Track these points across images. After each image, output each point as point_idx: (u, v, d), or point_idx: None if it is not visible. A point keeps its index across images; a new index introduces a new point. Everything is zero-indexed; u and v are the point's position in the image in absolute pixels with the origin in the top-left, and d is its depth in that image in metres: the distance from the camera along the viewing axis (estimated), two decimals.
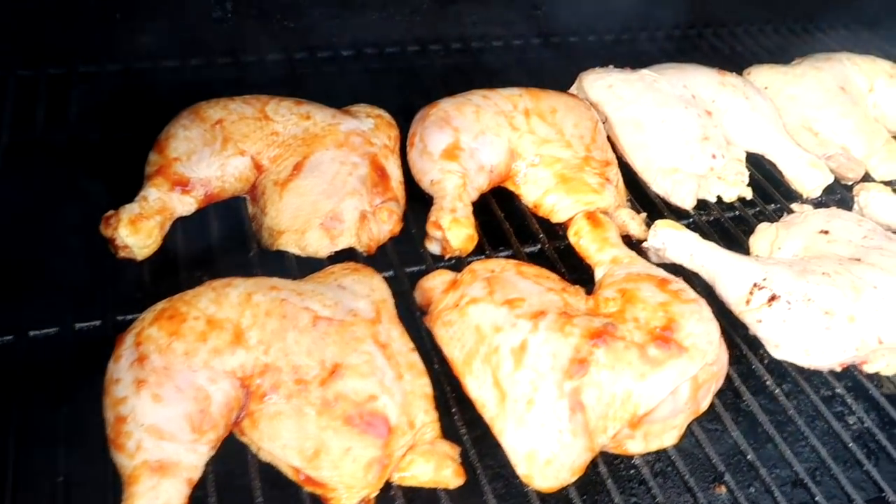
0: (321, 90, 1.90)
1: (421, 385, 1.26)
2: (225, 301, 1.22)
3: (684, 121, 1.90)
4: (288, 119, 1.67)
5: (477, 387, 1.28)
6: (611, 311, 1.36)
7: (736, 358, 1.49)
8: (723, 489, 1.51)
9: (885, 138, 2.15)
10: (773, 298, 1.47)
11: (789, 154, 1.97)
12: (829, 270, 1.51)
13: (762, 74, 2.26)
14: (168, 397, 1.10)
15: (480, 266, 1.46)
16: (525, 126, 1.78)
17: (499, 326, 1.30)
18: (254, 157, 1.62)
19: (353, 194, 1.57)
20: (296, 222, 1.54)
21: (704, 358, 1.30)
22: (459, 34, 2.39)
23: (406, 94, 2.04)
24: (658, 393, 1.25)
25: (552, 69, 2.29)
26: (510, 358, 1.26)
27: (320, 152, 1.62)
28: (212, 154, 1.58)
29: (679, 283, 1.43)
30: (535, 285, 1.39)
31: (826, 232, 1.66)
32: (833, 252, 1.61)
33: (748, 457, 1.35)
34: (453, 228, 1.55)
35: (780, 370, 1.52)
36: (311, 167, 1.59)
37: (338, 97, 1.84)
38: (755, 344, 1.54)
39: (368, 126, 1.71)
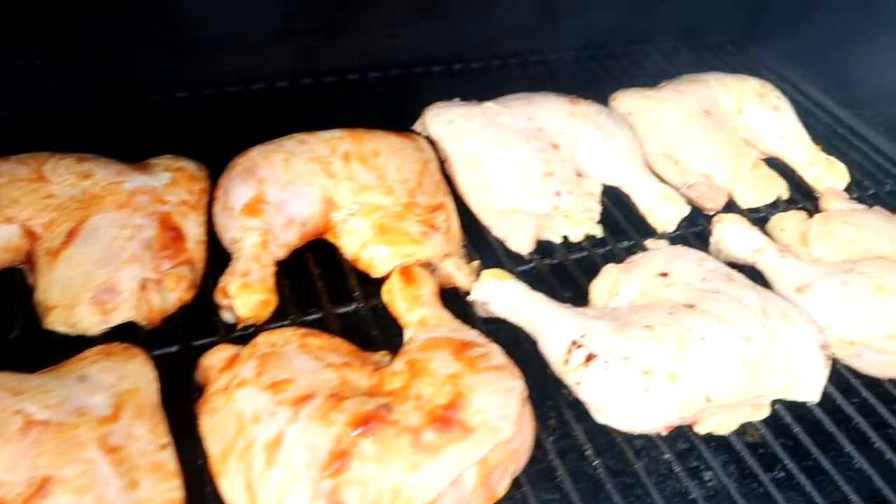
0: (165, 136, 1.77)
1: (164, 490, 1.09)
2: None
3: (525, 157, 1.77)
4: (66, 179, 1.50)
5: (230, 488, 1.12)
6: (395, 387, 1.21)
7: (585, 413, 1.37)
8: None
9: (752, 163, 2.04)
10: (590, 358, 1.33)
11: (642, 186, 1.85)
12: (654, 322, 1.37)
13: (626, 100, 2.14)
14: None
15: (263, 339, 1.31)
16: (343, 172, 1.63)
17: (258, 415, 1.15)
18: (24, 224, 1.45)
19: (133, 261, 1.41)
20: (65, 297, 1.37)
21: (496, 437, 1.15)
22: (311, 69, 2.25)
23: (236, 138, 1.89)
24: (434, 485, 1.09)
25: (409, 103, 2.16)
26: (263, 454, 1.10)
27: (98, 216, 1.45)
28: None
29: (482, 349, 1.28)
30: (313, 361, 1.24)
31: (665, 274, 1.53)
32: (668, 297, 1.48)
33: None
34: (241, 295, 1.40)
35: None
36: (87, 233, 1.43)
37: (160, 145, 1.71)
38: None
39: (163, 181, 1.56)
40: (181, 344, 1.40)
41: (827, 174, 2.04)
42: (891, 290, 1.52)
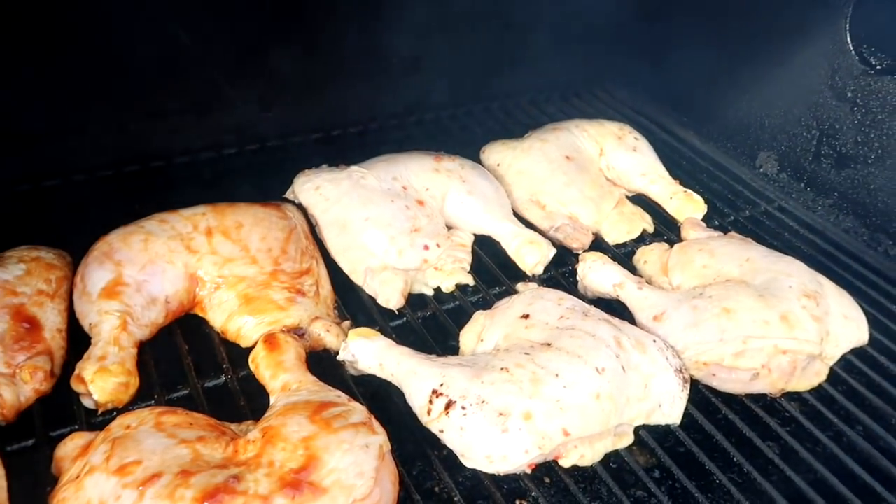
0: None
1: None
2: None
3: (390, 215, 1.83)
4: None
5: None
6: (248, 456, 1.21)
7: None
8: None
9: (616, 201, 2.15)
10: (449, 405, 1.36)
11: (507, 233, 1.93)
12: (509, 364, 1.42)
13: (494, 152, 2.24)
14: None
15: (118, 423, 1.29)
16: (206, 247, 1.65)
17: (104, 501, 1.13)
18: None
19: None
20: None
21: (352, 494, 1.16)
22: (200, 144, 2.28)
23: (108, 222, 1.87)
24: None
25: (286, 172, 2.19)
26: None
27: None
28: None
29: (341, 408, 1.30)
30: (166, 439, 1.23)
31: (527, 316, 1.59)
32: (528, 338, 1.53)
33: None
34: (97, 380, 1.38)
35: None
36: None
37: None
38: None
39: (16, 273, 1.54)
40: (38, 437, 1.37)
41: (686, 205, 2.16)
42: (735, 311, 1.61)
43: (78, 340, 1.53)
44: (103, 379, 1.39)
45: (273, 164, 2.31)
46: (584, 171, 2.16)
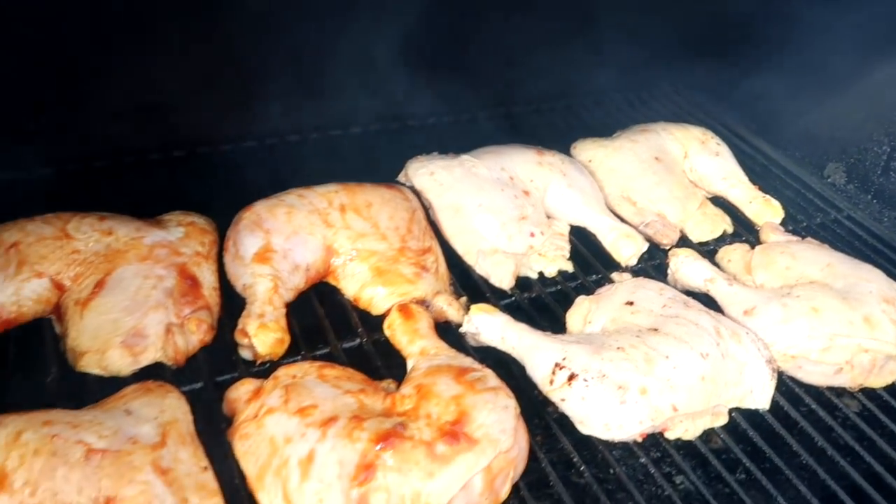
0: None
1: None
2: None
3: (501, 203, 1.98)
4: (90, 236, 1.65)
5: (268, 502, 1.27)
6: (406, 409, 1.38)
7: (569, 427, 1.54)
8: None
9: (699, 202, 2.29)
10: (572, 377, 1.53)
11: (605, 226, 2.08)
12: (624, 344, 1.58)
13: (586, 149, 2.38)
14: None
15: (283, 372, 1.47)
16: (340, 222, 1.81)
17: (289, 437, 1.30)
18: (53, 278, 1.59)
19: (158, 308, 1.56)
20: (96, 342, 1.51)
21: (497, 447, 1.32)
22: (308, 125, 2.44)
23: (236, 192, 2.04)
24: (448, 490, 1.26)
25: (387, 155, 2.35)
26: (298, 470, 1.26)
27: (122, 268, 1.60)
28: (5, 279, 1.55)
29: (478, 373, 1.46)
30: (332, 389, 1.40)
31: (631, 303, 1.74)
32: (635, 323, 1.68)
33: None
34: (259, 335, 1.55)
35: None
36: (113, 284, 1.58)
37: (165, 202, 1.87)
38: None
39: (177, 235, 1.71)
40: (205, 380, 1.54)
41: (764, 210, 2.30)
42: (822, 311, 1.75)
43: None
44: (264, 333, 1.56)
45: (375, 147, 2.48)
46: (671, 173, 2.30)
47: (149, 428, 1.29)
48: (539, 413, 1.61)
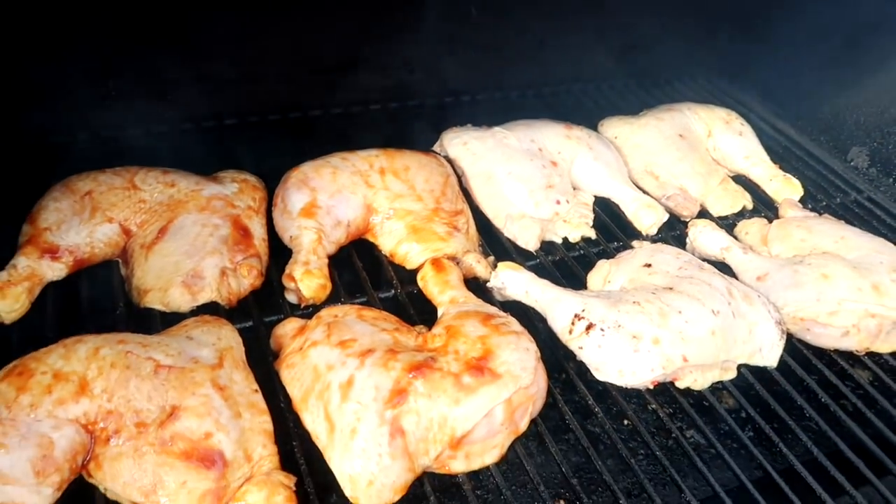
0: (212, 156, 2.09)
1: (260, 422, 1.39)
2: (73, 356, 1.34)
3: (529, 172, 2.11)
4: (154, 188, 1.82)
5: (311, 420, 1.42)
6: (436, 346, 1.52)
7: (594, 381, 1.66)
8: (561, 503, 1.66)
9: (720, 178, 2.39)
10: (590, 327, 1.65)
11: (627, 197, 2.19)
12: (640, 299, 1.70)
13: (612, 126, 2.49)
14: (12, 445, 1.22)
15: (326, 312, 1.62)
16: (380, 183, 1.95)
17: (331, 365, 1.45)
18: (122, 224, 1.76)
19: (214, 253, 1.72)
20: (159, 281, 1.67)
21: (518, 383, 1.46)
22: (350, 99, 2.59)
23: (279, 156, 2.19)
24: (472, 416, 1.40)
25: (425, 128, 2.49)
26: (338, 392, 1.40)
27: (183, 216, 1.76)
28: (81, 223, 1.72)
29: (502, 318, 1.60)
30: (370, 327, 1.55)
31: (649, 265, 1.86)
32: (651, 283, 1.80)
33: (597, 465, 1.52)
34: (305, 280, 1.70)
35: (635, 392, 1.69)
36: (175, 230, 1.74)
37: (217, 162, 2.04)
38: None
39: (232, 190, 1.87)
40: (255, 320, 1.70)
41: (784, 188, 2.39)
42: (832, 277, 1.85)
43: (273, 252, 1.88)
44: (309, 279, 1.71)
45: (412, 119, 2.62)
46: (694, 150, 2.41)
47: (208, 351, 1.45)
48: (560, 367, 1.73)
